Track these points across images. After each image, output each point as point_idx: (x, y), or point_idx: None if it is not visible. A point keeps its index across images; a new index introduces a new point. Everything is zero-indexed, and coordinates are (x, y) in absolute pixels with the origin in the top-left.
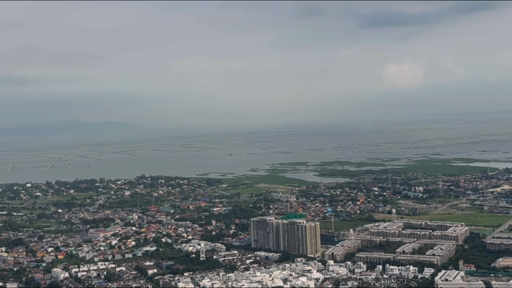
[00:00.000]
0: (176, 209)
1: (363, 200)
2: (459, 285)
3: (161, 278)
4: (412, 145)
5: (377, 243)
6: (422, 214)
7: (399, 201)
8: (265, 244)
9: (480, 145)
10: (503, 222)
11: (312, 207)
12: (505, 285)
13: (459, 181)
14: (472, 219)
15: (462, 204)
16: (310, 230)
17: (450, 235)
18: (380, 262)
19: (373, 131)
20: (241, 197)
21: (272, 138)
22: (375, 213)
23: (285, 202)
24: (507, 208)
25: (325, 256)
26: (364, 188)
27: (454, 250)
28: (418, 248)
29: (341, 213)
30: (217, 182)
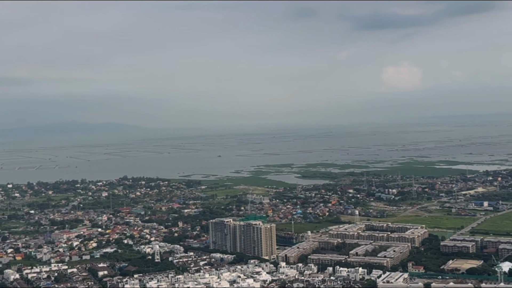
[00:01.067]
0: (147, 211)
1: (335, 202)
2: (399, 286)
3: (110, 280)
4: (401, 147)
5: (334, 245)
6: (390, 216)
7: (371, 203)
8: (223, 246)
9: (468, 148)
10: (466, 224)
11: (283, 208)
12: (444, 286)
13: (435, 184)
14: (437, 221)
15: (432, 207)
16: (265, 232)
17: (407, 237)
18: (332, 264)
19: (367, 133)
20: (216, 199)
21: (265, 140)
22: (343, 215)
23: (258, 204)
24: (475, 210)
25: (279, 258)
26: (340, 190)
27: (408, 252)
28: (372, 250)
29: (309, 215)
30: (196, 184)
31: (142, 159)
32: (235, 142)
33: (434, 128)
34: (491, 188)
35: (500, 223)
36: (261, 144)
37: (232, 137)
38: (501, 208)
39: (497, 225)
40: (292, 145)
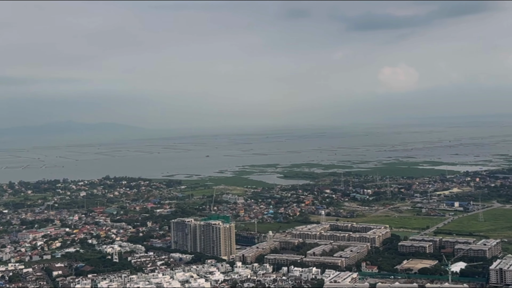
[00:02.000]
0: (119, 211)
1: (308, 202)
2: (344, 286)
3: (63, 280)
4: (390, 148)
5: (295, 245)
6: (360, 216)
7: (344, 204)
8: (184, 246)
9: (456, 149)
10: (433, 224)
11: (256, 208)
12: (389, 286)
13: (412, 184)
14: (405, 222)
15: (404, 207)
16: (224, 232)
17: (368, 237)
18: (287, 264)
19: (360, 134)
20: (192, 199)
21: (257, 140)
22: (314, 215)
23: (232, 203)
24: (445, 211)
25: (236, 258)
26: (317, 190)
27: (366, 252)
28: (330, 250)
29: (279, 215)
30: (177, 184)
31: (130, 159)
32: (227, 142)
33: (428, 129)
34: (466, 189)
35: (467, 224)
36: (252, 145)
37: (225, 137)
38: (471, 209)
39: (463, 225)
40: (282, 146)
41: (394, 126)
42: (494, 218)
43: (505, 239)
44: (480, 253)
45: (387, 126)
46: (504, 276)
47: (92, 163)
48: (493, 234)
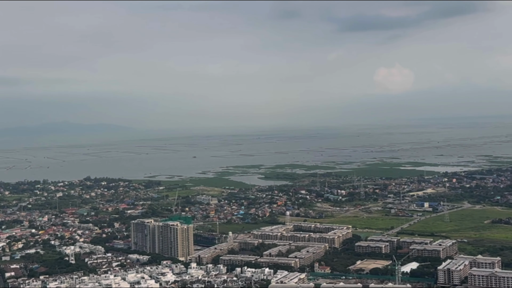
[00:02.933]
0: (90, 211)
1: (281, 203)
2: (289, 286)
3: (14, 281)
4: (378, 148)
5: (255, 245)
6: (329, 217)
7: (316, 204)
8: (143, 247)
9: (443, 149)
10: (398, 225)
11: (228, 209)
12: (333, 286)
13: (389, 185)
14: (371, 222)
15: (375, 207)
16: (181, 232)
17: (328, 237)
18: (241, 265)
19: (352, 135)
20: (166, 200)
21: (249, 141)
22: (283, 216)
23: (204, 204)
24: (414, 211)
25: (191, 259)
26: (292, 191)
27: (323, 253)
28: (287, 250)
29: (249, 216)
30: (156, 184)
31: (117, 160)
32: (218, 143)
33: (421, 130)
34: (440, 190)
35: (432, 224)
36: (242, 145)
37: (218, 138)
38: (440, 209)
39: (428, 226)
40: (272, 147)
41: (388, 127)
42: (460, 218)
43: (465, 240)
44: (434, 253)
45: (380, 127)
46: (452, 276)
47: (78, 164)
48: (455, 235)
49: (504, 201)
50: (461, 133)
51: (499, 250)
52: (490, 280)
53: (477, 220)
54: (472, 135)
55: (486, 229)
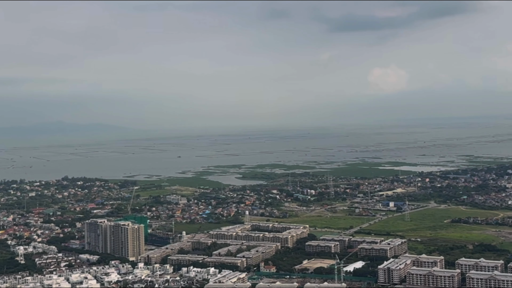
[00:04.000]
0: (55, 212)
1: (249, 202)
2: (227, 285)
3: None
4: (363, 148)
5: (207, 245)
6: (292, 217)
7: (284, 204)
8: (96, 247)
9: (427, 149)
10: (358, 224)
11: (195, 209)
12: (269, 285)
13: (361, 184)
14: (333, 222)
15: (341, 207)
16: (132, 232)
17: (281, 237)
18: (188, 264)
19: (342, 135)
20: (137, 200)
21: (238, 141)
22: (250, 215)
23: (174, 204)
24: (379, 211)
25: (141, 259)
26: (264, 190)
27: (273, 252)
28: (237, 250)
29: (213, 216)
30: (132, 184)
31: (102, 160)
32: (207, 143)
33: (412, 130)
34: (411, 189)
35: (392, 223)
36: (231, 145)
37: (208, 138)
38: (404, 209)
39: (387, 225)
40: (259, 146)
41: (380, 127)
42: (422, 218)
43: (419, 239)
44: (382, 252)
45: (373, 127)
46: (392, 275)
47: (62, 163)
48: (410, 234)
49: (470, 200)
50: (450, 133)
51: (449, 249)
52: (427, 279)
53: (437, 219)
54: (460, 135)
55: (444, 228)
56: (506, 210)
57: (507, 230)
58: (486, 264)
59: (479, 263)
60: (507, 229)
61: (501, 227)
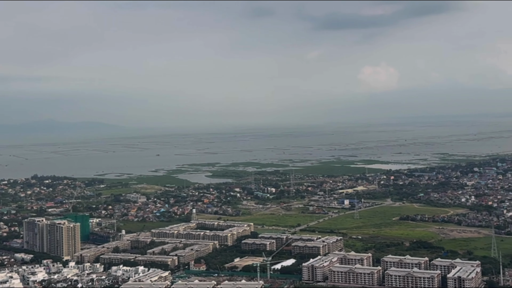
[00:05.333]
0: (10, 210)
1: (207, 200)
2: (144, 284)
3: None
4: (343, 146)
5: (146, 243)
6: (246, 214)
7: (242, 202)
8: (34, 246)
9: (406, 148)
10: (307, 222)
11: (152, 207)
12: (186, 284)
13: (325, 182)
14: (283, 219)
15: (298, 205)
16: (67, 231)
17: (221, 235)
18: (119, 263)
19: (328, 133)
20: (98, 198)
21: (223, 139)
22: (204, 213)
23: (132, 202)
24: (333, 208)
25: (74, 258)
26: (226, 188)
27: (209, 250)
28: (172, 248)
29: (166, 214)
30: (99, 182)
31: (81, 158)
32: (192, 141)
33: (398, 128)
34: (372, 187)
35: (340, 221)
36: (214, 143)
37: (194, 136)
38: (358, 207)
39: (336, 222)
40: (242, 145)
41: (368, 125)
42: (372, 215)
43: (360, 236)
44: (314, 250)
45: (361, 125)
46: (315, 273)
47: (40, 162)
48: (353, 231)
49: (425, 198)
50: (435, 131)
51: (386, 247)
52: (349, 277)
53: (387, 217)
54: (443, 134)
55: (389, 226)
56: (458, 207)
57: (450, 227)
58: (410, 262)
59: (403, 260)
60: (451, 226)
61: (446, 224)
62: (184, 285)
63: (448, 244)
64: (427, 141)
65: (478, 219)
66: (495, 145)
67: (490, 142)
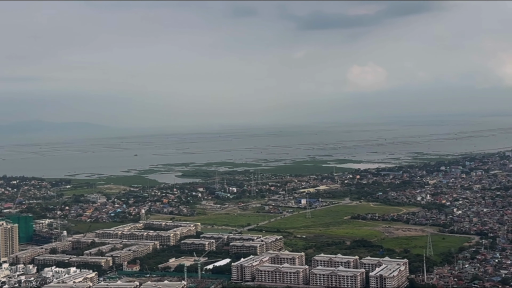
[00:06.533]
0: None
1: (166, 200)
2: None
3: None
4: (322, 146)
5: (88, 244)
6: (200, 214)
7: (201, 202)
8: None
9: (384, 147)
10: (259, 221)
11: (109, 207)
12: (107, 285)
13: (290, 182)
14: (235, 219)
15: (255, 205)
16: (4, 232)
17: (163, 235)
18: (52, 264)
19: (311, 133)
20: (59, 199)
21: (206, 139)
22: (159, 214)
23: (90, 203)
24: (289, 208)
25: (10, 259)
26: (189, 188)
27: (149, 250)
28: (110, 249)
29: (120, 214)
30: (66, 183)
31: (59, 158)
32: (175, 141)
33: (382, 128)
34: (334, 186)
35: (291, 220)
36: (196, 143)
37: (179, 136)
38: (314, 206)
39: (286, 222)
40: (222, 145)
41: (353, 125)
42: (325, 214)
43: (304, 235)
44: (251, 249)
45: (347, 125)
46: (244, 272)
47: (17, 163)
48: (300, 230)
49: (383, 197)
50: (418, 130)
51: (326, 246)
52: (274, 276)
53: (339, 216)
54: (425, 133)
55: (338, 224)
56: (412, 206)
57: (398, 226)
58: (340, 260)
59: (333, 259)
60: (399, 225)
61: (394, 223)
62: (105, 286)
63: (389, 243)
64: (406, 141)
65: (426, 218)
66: (472, 144)
67: (468, 141)
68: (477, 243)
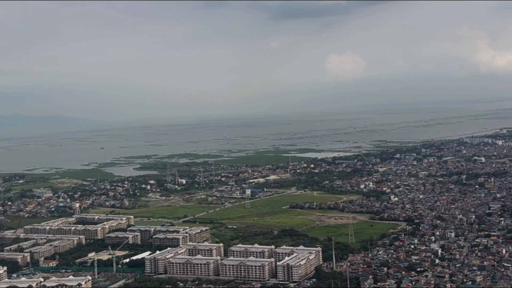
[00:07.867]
0: None
1: (112, 194)
2: None
3: None
4: (291, 135)
5: (11, 240)
6: (142, 207)
7: (147, 194)
8: None
9: (349, 136)
10: (199, 213)
11: (53, 202)
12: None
13: (243, 172)
14: (175, 211)
15: (200, 196)
16: None
17: (91, 229)
18: None
19: (284, 123)
20: (7, 194)
21: (178, 131)
22: (102, 207)
23: (36, 198)
24: (233, 198)
25: None
26: (141, 180)
27: (73, 245)
28: (32, 244)
29: (61, 208)
30: (19, 177)
31: (24, 153)
32: (147, 133)
33: (356, 116)
34: (285, 176)
35: (231, 211)
36: (167, 135)
37: (153, 128)
38: (258, 196)
39: (224, 213)
40: (193, 136)
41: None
42: (265, 204)
43: (235, 226)
44: (174, 241)
45: (323, 114)
46: (157, 265)
47: None
48: (234, 221)
49: (328, 186)
50: (390, 118)
51: (254, 236)
52: (185, 268)
53: (279, 205)
54: (396, 120)
55: (274, 214)
56: (354, 194)
57: (332, 214)
58: (255, 250)
59: (248, 249)
60: (334, 213)
61: (330, 211)
62: (7, 284)
63: (317, 231)
64: (375, 129)
65: (361, 205)
66: (437, 131)
67: (435, 128)
68: (403, 230)
